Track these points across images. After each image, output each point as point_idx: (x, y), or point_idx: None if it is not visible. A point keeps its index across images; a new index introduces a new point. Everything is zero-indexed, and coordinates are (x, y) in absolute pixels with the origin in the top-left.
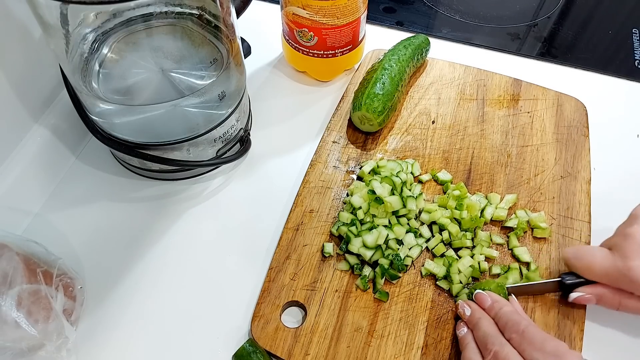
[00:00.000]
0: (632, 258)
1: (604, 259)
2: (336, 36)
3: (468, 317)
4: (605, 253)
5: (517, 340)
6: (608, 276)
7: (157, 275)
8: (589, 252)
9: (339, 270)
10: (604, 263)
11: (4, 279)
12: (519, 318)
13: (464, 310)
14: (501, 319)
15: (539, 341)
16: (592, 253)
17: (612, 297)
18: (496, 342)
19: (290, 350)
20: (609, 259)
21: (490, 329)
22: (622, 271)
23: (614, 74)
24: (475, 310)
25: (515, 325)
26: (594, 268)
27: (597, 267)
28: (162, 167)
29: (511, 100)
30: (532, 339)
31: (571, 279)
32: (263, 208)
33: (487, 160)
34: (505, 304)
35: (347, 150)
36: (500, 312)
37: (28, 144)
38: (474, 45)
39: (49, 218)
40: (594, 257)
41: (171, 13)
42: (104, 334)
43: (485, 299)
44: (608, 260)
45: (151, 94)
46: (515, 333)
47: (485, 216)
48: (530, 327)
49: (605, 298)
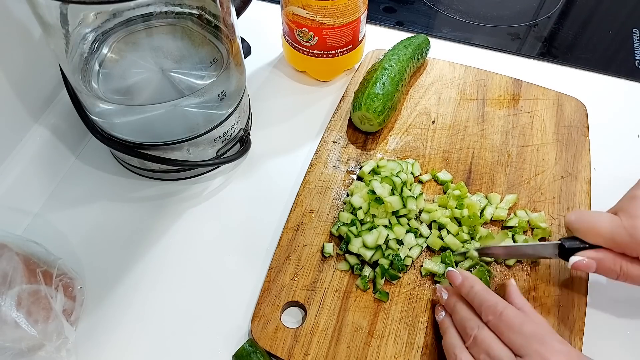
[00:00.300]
0: (639, 217)
1: (609, 221)
2: (336, 36)
3: (445, 301)
4: (610, 215)
5: (495, 323)
6: (614, 237)
7: (157, 275)
8: (594, 214)
9: (339, 270)
10: (610, 224)
11: (4, 279)
12: (494, 299)
13: (441, 294)
14: (474, 299)
15: (518, 324)
16: (597, 215)
17: (614, 263)
18: (474, 325)
19: (290, 351)
20: (615, 220)
21: (467, 312)
22: (629, 231)
23: (614, 74)
24: (452, 294)
25: (491, 307)
26: (599, 229)
27: (602, 228)
28: (162, 167)
29: (511, 100)
30: (510, 322)
31: (571, 243)
32: (263, 208)
33: (488, 160)
34: (476, 282)
35: (347, 150)
36: (472, 291)
37: (28, 144)
38: (474, 45)
39: (49, 218)
40: (598, 218)
41: (171, 13)
42: (104, 334)
43: (456, 277)
44: (614, 221)
45: (151, 94)
46: (492, 315)
47: (485, 216)
48: (507, 309)
49: (606, 263)
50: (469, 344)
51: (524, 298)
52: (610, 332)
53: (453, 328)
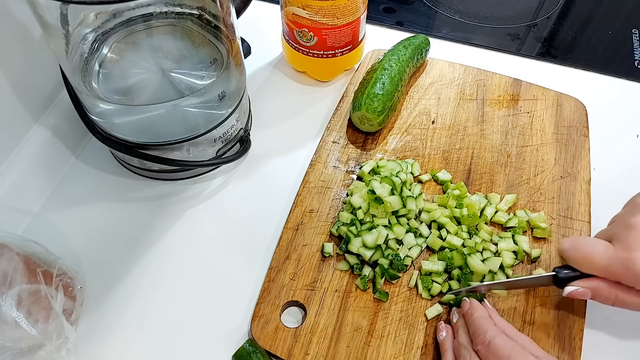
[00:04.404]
0: (636, 249)
1: (605, 251)
2: (336, 36)
3: (454, 323)
4: (605, 245)
5: (484, 353)
6: (609, 269)
7: (157, 275)
8: (589, 243)
9: (339, 270)
10: (605, 255)
11: (4, 279)
12: (486, 327)
13: (452, 317)
14: (471, 326)
15: (505, 355)
16: (592, 244)
17: (608, 291)
18: (466, 354)
19: (290, 350)
20: (610, 250)
21: (464, 340)
22: (625, 264)
23: (614, 74)
24: (461, 318)
25: (481, 336)
26: (594, 260)
27: (597, 259)
28: (162, 167)
29: (511, 100)
30: (497, 352)
31: (565, 273)
32: (263, 208)
33: (487, 160)
34: (477, 310)
35: (347, 150)
36: (471, 318)
37: (28, 144)
38: (474, 45)
39: (49, 218)
40: (593, 249)
41: (171, 13)
42: (104, 334)
43: (464, 305)
44: (609, 252)
45: (151, 94)
46: (481, 344)
47: (485, 216)
48: (496, 338)
49: (601, 292)
50: None
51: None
52: (611, 332)
53: (451, 351)
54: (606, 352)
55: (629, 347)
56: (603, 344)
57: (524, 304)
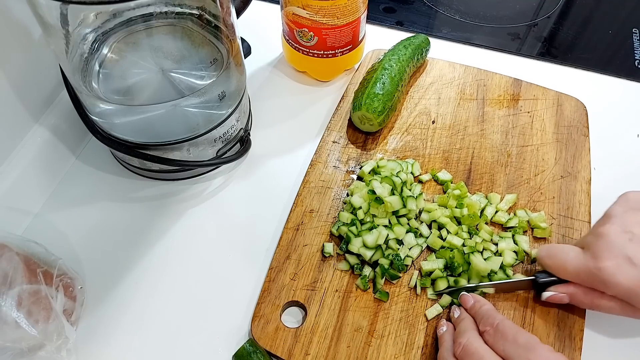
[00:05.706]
0: (603, 258)
1: (576, 259)
2: (336, 36)
3: (455, 319)
4: (577, 252)
5: (491, 333)
6: (579, 276)
7: (157, 275)
8: (562, 251)
9: (339, 270)
10: (576, 263)
11: (4, 279)
12: (494, 314)
13: (453, 314)
14: (478, 315)
15: (511, 334)
16: (565, 252)
17: (584, 297)
18: (467, 335)
19: (291, 350)
20: (581, 258)
21: (466, 326)
22: (592, 272)
23: (614, 74)
24: (462, 312)
25: (489, 319)
26: (566, 267)
27: (569, 266)
28: (162, 167)
29: (511, 100)
30: (505, 332)
31: (544, 278)
32: (263, 208)
33: (487, 160)
34: (485, 303)
35: (347, 150)
36: (481, 309)
37: (28, 144)
38: (474, 45)
39: (49, 218)
40: (566, 256)
41: (171, 13)
42: (104, 334)
43: (468, 300)
44: (579, 260)
45: (151, 94)
46: (490, 326)
47: (485, 216)
48: (504, 321)
49: (578, 297)
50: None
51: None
52: (611, 332)
53: (450, 342)
54: (606, 352)
55: (629, 347)
56: (603, 344)
57: (524, 304)
